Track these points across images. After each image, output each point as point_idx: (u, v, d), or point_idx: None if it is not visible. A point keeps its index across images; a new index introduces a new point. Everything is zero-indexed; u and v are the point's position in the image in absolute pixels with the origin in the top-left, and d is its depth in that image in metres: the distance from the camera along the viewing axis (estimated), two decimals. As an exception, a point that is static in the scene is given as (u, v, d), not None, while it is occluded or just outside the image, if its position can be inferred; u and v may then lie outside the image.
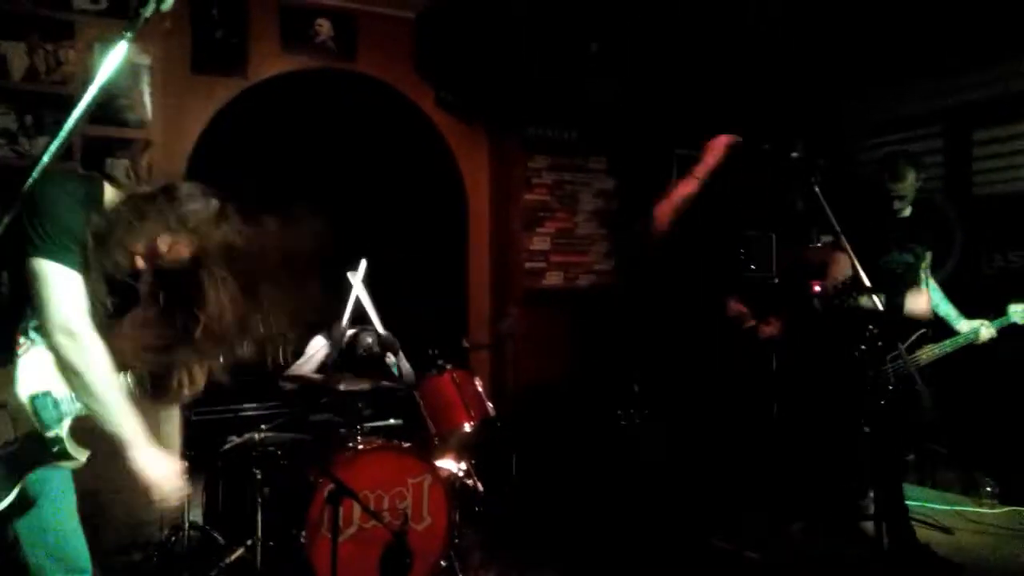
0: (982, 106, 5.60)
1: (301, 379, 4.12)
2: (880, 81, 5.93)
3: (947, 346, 4.08)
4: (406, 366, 4.39)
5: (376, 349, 4.24)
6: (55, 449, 2.12)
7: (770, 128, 5.60)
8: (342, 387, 3.76)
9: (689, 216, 4.02)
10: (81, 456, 2.16)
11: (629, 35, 5.36)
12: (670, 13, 5.11)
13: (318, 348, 4.40)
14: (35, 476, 2.12)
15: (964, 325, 4.13)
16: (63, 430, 2.13)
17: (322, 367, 4.30)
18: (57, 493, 2.23)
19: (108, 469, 2.21)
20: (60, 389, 2.11)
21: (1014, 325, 4.11)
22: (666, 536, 4.27)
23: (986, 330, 4.09)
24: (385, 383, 4.03)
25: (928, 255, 4.18)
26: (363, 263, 4.23)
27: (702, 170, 4.03)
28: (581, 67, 5.41)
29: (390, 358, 4.24)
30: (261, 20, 5.06)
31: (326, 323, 4.49)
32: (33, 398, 2.09)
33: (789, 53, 5.40)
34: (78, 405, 2.11)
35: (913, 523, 4.38)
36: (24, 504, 2.13)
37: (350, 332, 4.45)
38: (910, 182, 4.00)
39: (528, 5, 5.08)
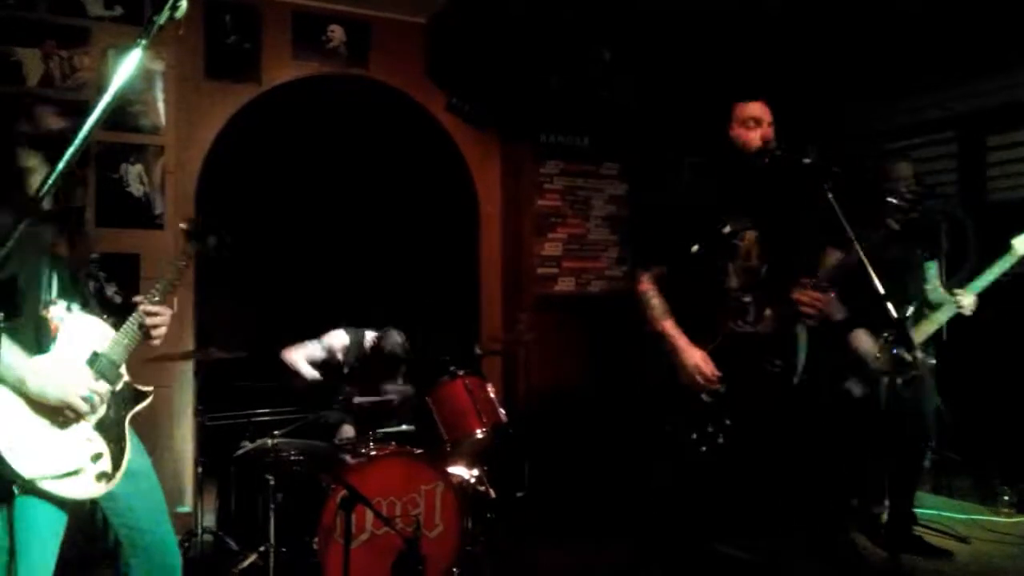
0: (996, 111, 5.55)
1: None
2: (894, 87, 5.89)
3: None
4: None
5: (400, 352, 4.26)
6: (126, 398, 2.33)
7: (782, 133, 5.59)
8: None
9: None
10: (149, 389, 2.40)
11: (642, 41, 5.35)
12: (682, 19, 5.10)
13: (337, 340, 4.43)
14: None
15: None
16: (125, 375, 2.32)
17: (335, 361, 4.35)
18: (153, 502, 2.41)
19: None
20: (102, 345, 2.26)
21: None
22: (680, 542, 4.23)
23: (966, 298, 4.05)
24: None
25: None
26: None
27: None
28: (593, 73, 5.40)
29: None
30: (274, 26, 5.08)
31: (354, 321, 4.53)
32: (90, 363, 2.22)
33: (802, 58, 5.37)
34: (122, 347, 2.28)
35: (929, 532, 4.34)
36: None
37: (375, 334, 4.46)
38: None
39: (540, 11, 5.07)
